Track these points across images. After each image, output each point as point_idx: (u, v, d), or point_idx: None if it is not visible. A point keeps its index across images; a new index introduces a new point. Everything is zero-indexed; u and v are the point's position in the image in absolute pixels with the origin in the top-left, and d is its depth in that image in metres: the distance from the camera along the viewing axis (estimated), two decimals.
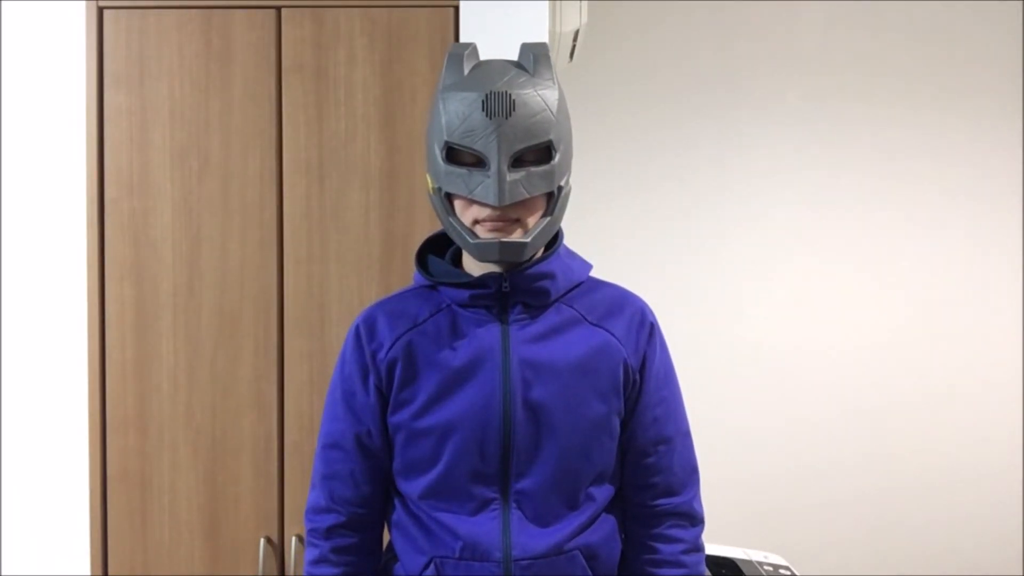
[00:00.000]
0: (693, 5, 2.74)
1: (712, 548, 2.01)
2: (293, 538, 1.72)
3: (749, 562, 1.93)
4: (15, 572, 1.84)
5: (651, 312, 1.19)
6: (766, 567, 1.91)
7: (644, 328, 1.17)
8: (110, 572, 1.74)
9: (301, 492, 1.73)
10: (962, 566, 2.74)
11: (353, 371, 1.16)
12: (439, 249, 1.21)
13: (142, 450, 1.74)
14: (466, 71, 1.08)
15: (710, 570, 1.86)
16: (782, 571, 1.90)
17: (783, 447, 2.75)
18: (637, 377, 1.15)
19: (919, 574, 2.75)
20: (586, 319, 1.14)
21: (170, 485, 1.74)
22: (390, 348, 1.14)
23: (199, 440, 1.74)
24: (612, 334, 1.14)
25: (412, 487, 1.14)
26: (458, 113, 1.04)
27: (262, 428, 1.73)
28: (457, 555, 1.09)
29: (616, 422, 1.15)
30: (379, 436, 1.15)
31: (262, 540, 1.72)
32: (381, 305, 1.19)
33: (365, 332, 1.16)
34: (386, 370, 1.14)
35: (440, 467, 1.11)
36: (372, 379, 1.15)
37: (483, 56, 1.15)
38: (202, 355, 1.74)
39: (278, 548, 1.73)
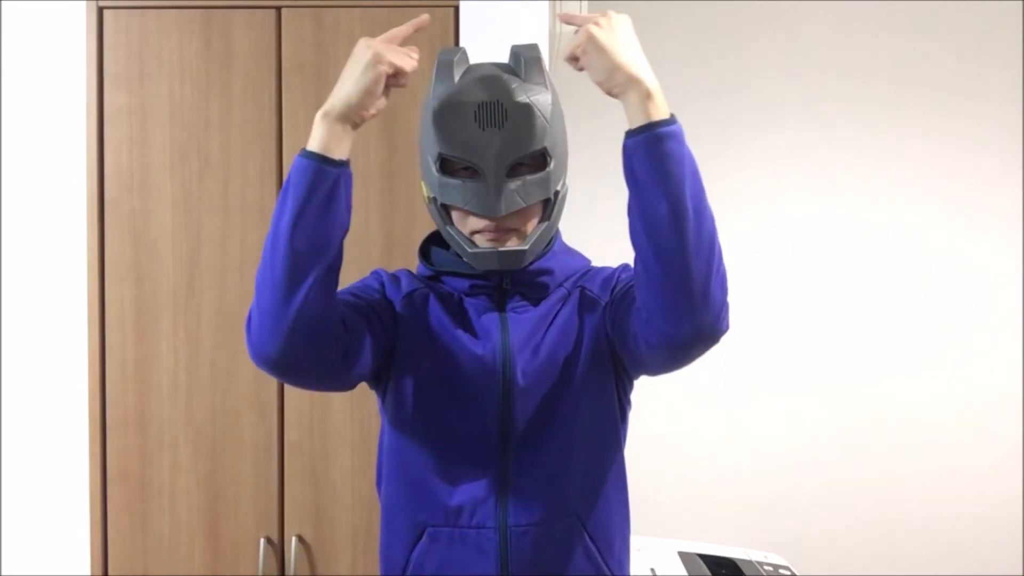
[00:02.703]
0: (693, 5, 2.74)
1: (712, 548, 2.01)
2: (293, 538, 1.72)
3: (749, 562, 1.93)
4: (15, 572, 1.84)
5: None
6: (766, 567, 1.91)
7: (617, 271, 1.17)
8: (110, 572, 1.74)
9: (301, 492, 1.73)
10: (962, 566, 2.74)
11: (368, 279, 1.17)
12: (442, 240, 1.21)
13: (142, 450, 1.74)
14: (456, 78, 1.07)
15: (710, 570, 1.86)
16: (782, 571, 1.90)
17: (784, 447, 2.75)
18: (613, 291, 1.13)
19: (919, 574, 2.75)
20: (570, 292, 1.16)
21: (170, 485, 1.74)
22: (408, 294, 1.14)
23: (199, 440, 1.74)
24: (585, 287, 1.15)
25: (408, 453, 1.13)
26: (451, 124, 1.04)
27: (262, 428, 1.73)
28: (452, 524, 1.09)
29: (608, 372, 1.13)
30: (381, 307, 1.12)
31: (262, 540, 1.72)
32: (400, 270, 1.20)
33: (387, 275, 1.18)
34: (403, 308, 1.13)
35: (438, 434, 1.11)
36: (388, 292, 1.15)
37: (481, 57, 1.14)
38: (202, 355, 1.74)
39: (278, 548, 1.73)
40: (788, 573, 1.89)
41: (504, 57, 1.14)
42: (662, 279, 0.95)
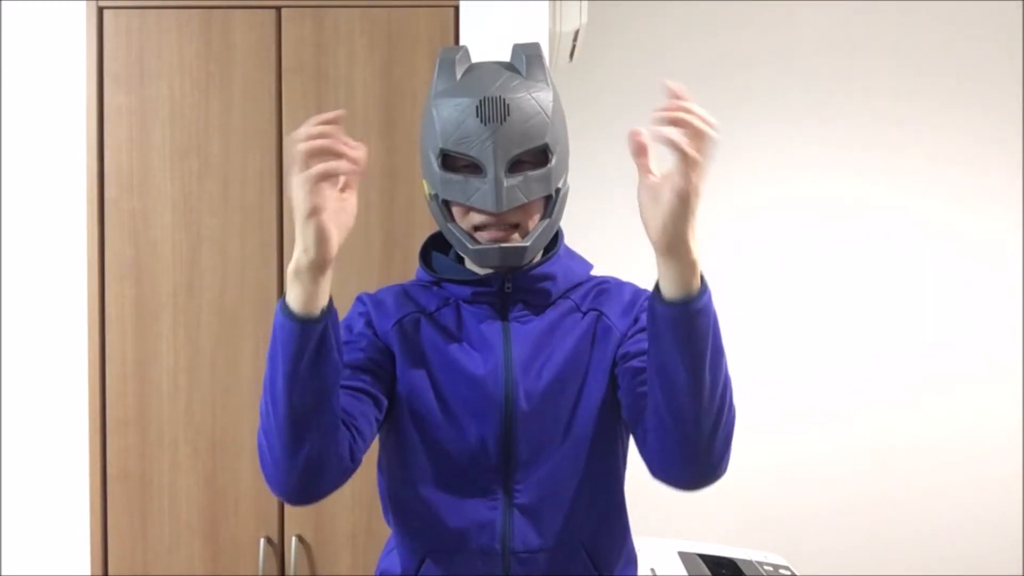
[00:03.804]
0: (693, 5, 2.74)
1: (712, 548, 2.01)
2: (293, 538, 1.72)
3: (749, 562, 1.93)
4: (15, 572, 1.84)
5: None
6: (766, 567, 1.91)
7: (638, 302, 1.14)
8: (110, 572, 1.74)
9: None
10: (962, 566, 2.74)
11: (353, 317, 1.14)
12: (443, 245, 1.20)
13: (142, 450, 1.74)
14: (458, 75, 1.07)
15: (710, 570, 1.86)
16: (782, 571, 1.90)
17: (783, 447, 2.75)
18: (627, 332, 1.11)
19: (919, 574, 2.75)
20: (579, 308, 1.14)
21: (170, 485, 1.74)
22: (398, 321, 1.11)
23: (199, 440, 1.74)
24: (603, 313, 1.13)
25: (408, 478, 1.12)
26: (452, 119, 1.04)
27: None
28: (454, 549, 1.08)
29: (612, 394, 1.12)
30: (374, 361, 1.09)
31: (262, 540, 1.72)
32: (385, 290, 1.18)
33: (372, 303, 1.14)
34: (395, 338, 1.10)
35: (439, 459, 1.09)
36: (377, 326, 1.12)
37: (482, 56, 1.14)
38: (202, 355, 1.74)
39: (278, 548, 1.73)
40: (788, 573, 1.89)
41: (504, 56, 1.14)
42: (670, 426, 0.95)
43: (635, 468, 1.28)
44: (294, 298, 0.92)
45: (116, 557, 1.74)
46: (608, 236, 2.73)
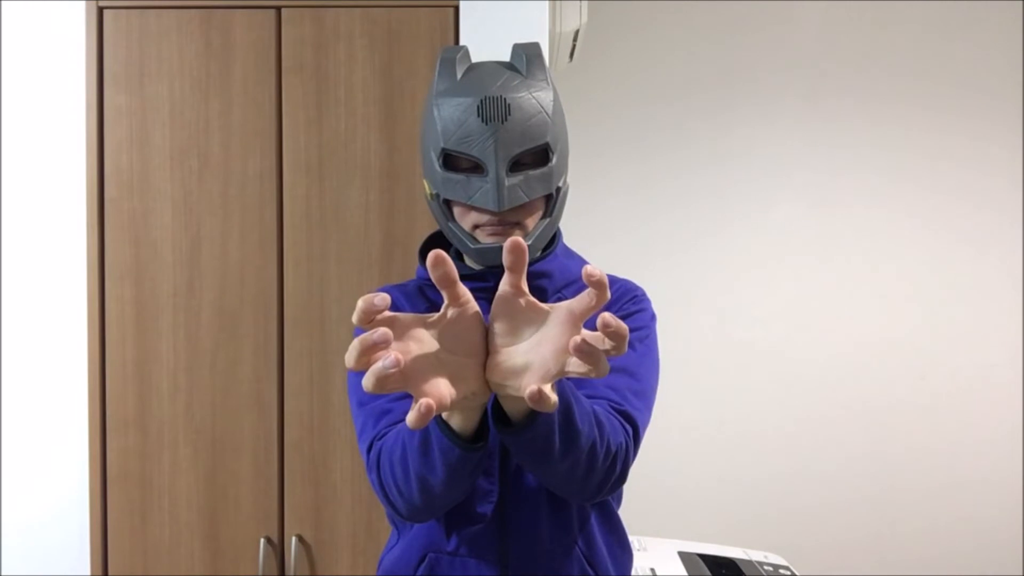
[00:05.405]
0: (693, 5, 2.75)
1: (712, 548, 2.01)
2: (293, 538, 1.72)
3: (749, 562, 1.93)
4: (15, 572, 1.84)
5: (643, 292, 1.17)
6: (766, 567, 1.91)
7: (625, 298, 1.14)
8: (110, 572, 1.74)
9: (301, 492, 1.73)
10: (962, 567, 2.74)
11: None
12: (442, 243, 1.20)
13: (142, 450, 1.74)
14: (459, 75, 1.07)
15: (710, 570, 1.86)
16: (782, 571, 1.90)
17: (783, 447, 2.75)
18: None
19: (919, 574, 2.75)
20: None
21: (170, 485, 1.74)
22: None
23: (199, 440, 1.74)
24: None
25: None
26: (453, 119, 1.04)
27: (262, 428, 1.73)
28: (452, 550, 1.08)
29: None
30: None
31: (262, 540, 1.72)
32: (391, 288, 1.17)
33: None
34: None
35: None
36: None
37: (482, 56, 1.15)
38: (202, 355, 1.74)
39: (278, 548, 1.73)
40: (788, 573, 1.89)
41: (504, 56, 1.14)
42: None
43: (638, 468, 1.28)
44: (459, 423, 0.85)
45: (116, 557, 1.74)
46: (604, 234, 2.73)
